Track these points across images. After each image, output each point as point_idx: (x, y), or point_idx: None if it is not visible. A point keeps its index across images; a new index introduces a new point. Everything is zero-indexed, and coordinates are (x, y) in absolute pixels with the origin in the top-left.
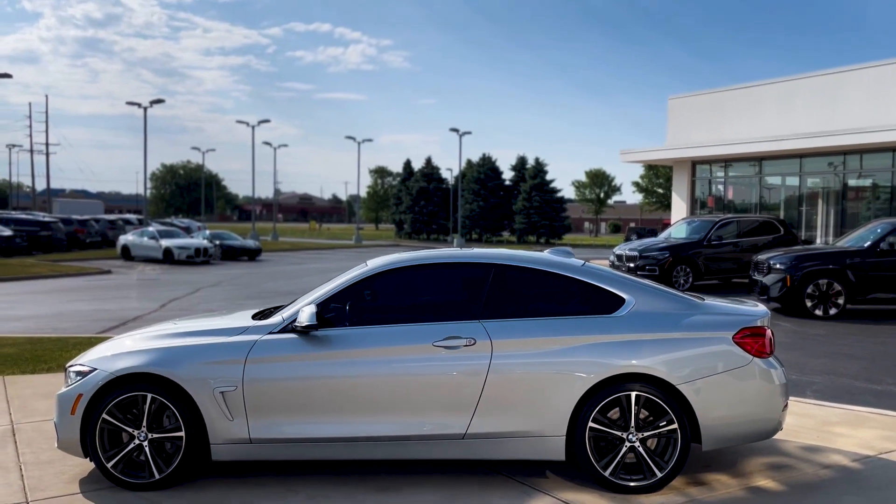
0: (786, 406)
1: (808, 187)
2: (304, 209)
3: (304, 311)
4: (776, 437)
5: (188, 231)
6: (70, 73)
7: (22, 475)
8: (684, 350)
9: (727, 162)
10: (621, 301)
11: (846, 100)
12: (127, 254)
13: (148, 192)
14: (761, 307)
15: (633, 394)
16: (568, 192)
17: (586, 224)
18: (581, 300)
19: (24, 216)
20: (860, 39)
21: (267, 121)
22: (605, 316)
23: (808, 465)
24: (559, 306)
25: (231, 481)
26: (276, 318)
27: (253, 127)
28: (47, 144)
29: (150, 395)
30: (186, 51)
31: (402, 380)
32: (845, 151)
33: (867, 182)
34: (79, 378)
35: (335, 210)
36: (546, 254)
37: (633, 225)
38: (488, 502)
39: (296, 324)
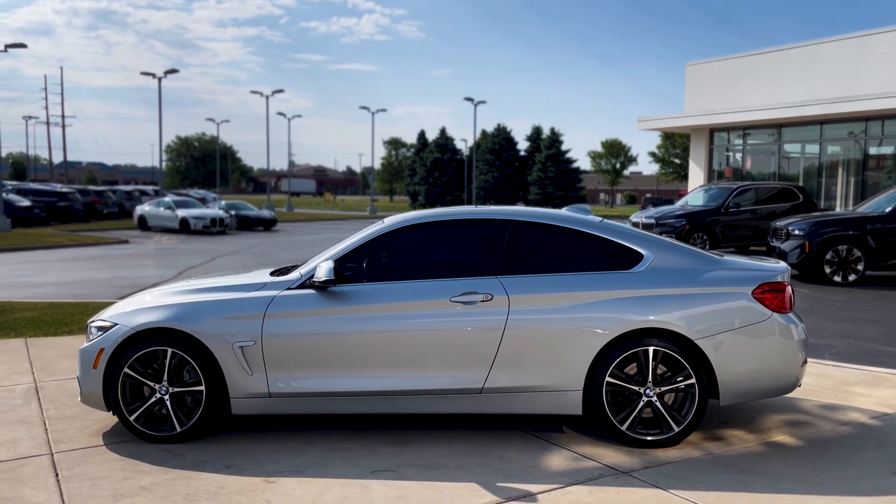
0: (805, 362)
1: (827, 156)
2: (318, 181)
3: (322, 267)
4: (794, 395)
5: (204, 202)
6: (84, 45)
7: (46, 429)
8: (703, 305)
9: (746, 129)
10: (639, 256)
11: (869, 64)
12: (143, 224)
13: (163, 164)
14: (781, 263)
15: (651, 349)
16: (584, 163)
17: (602, 195)
18: (599, 256)
19: (42, 187)
20: (883, 2)
21: (281, 91)
22: (623, 271)
23: (826, 421)
24: (577, 262)
25: (251, 435)
26: (294, 275)
27: (267, 97)
28: (63, 116)
29: (170, 350)
30: (200, 22)
31: (420, 335)
32: (867, 117)
33: (889, 150)
34: (100, 333)
35: (349, 182)
36: (563, 210)
37: (649, 195)
38: (506, 455)
39: (313, 279)
